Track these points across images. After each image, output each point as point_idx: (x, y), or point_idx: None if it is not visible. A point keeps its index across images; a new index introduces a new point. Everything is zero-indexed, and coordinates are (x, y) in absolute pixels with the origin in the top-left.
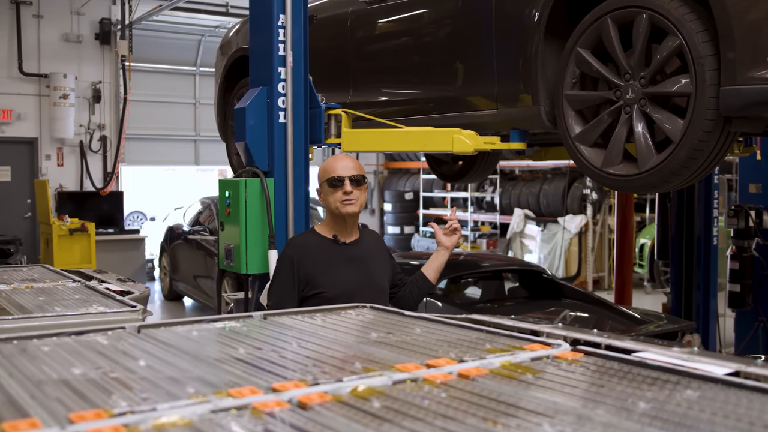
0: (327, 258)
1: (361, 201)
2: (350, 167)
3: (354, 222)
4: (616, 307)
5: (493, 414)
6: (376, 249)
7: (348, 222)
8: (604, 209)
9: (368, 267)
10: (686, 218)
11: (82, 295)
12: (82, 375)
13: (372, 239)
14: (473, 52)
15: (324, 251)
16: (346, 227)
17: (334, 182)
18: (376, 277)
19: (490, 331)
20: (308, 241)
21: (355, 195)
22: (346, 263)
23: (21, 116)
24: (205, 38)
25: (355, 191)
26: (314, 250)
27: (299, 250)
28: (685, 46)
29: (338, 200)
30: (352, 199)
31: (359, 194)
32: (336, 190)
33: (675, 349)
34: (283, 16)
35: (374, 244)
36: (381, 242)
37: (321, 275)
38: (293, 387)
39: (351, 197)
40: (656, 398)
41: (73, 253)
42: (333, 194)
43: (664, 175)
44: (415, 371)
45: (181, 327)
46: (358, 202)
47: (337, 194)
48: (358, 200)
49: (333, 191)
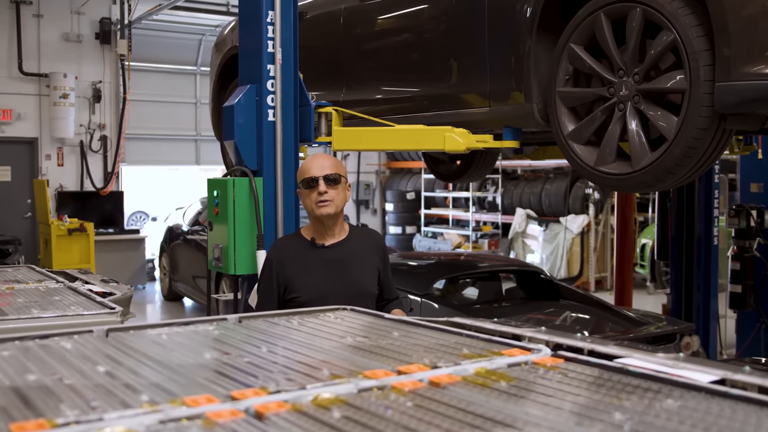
0: (304, 261)
1: (338, 201)
2: (325, 166)
3: (335, 223)
4: (615, 308)
5: (458, 425)
6: (364, 251)
7: (327, 224)
8: (606, 209)
9: (347, 270)
10: (686, 218)
11: (61, 297)
12: (35, 382)
13: (364, 240)
14: (465, 48)
15: (302, 254)
16: (326, 229)
17: (309, 183)
18: (355, 280)
19: (471, 335)
20: (289, 244)
21: (330, 195)
22: (322, 267)
23: (21, 116)
24: (205, 37)
25: (331, 191)
26: (293, 253)
27: (279, 253)
28: (680, 42)
29: (313, 202)
30: (327, 200)
31: (335, 194)
32: (311, 191)
33: (660, 354)
34: (272, 12)
35: (364, 245)
36: (375, 244)
37: (296, 279)
38: (252, 395)
39: (325, 198)
40: (634, 408)
41: (71, 253)
42: (309, 195)
43: (658, 173)
44: (384, 378)
45: (152, 330)
46: (334, 202)
47: (312, 195)
48: (334, 201)
49: (308, 192)
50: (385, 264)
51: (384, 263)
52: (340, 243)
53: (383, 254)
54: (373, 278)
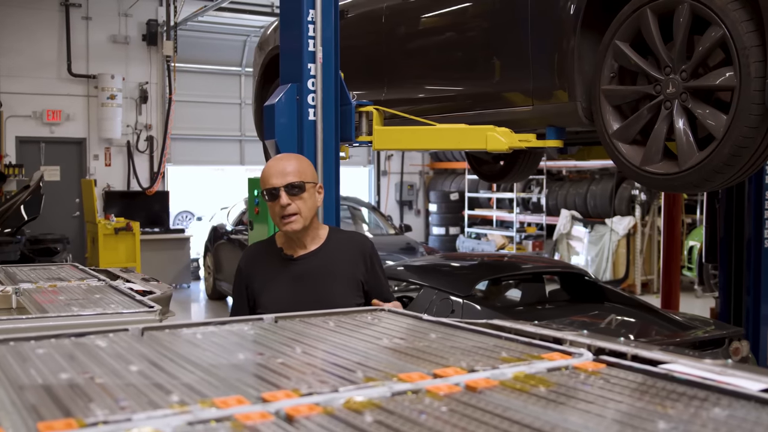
0: (271, 274)
1: (306, 212)
2: (287, 172)
3: (305, 234)
4: (661, 311)
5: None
6: (342, 261)
7: (294, 235)
8: (653, 210)
9: (317, 284)
10: (736, 219)
11: (102, 295)
12: (67, 380)
13: (343, 248)
14: (508, 46)
15: (270, 266)
16: (294, 240)
17: (269, 194)
18: (326, 295)
19: (510, 338)
20: (260, 253)
21: (294, 207)
22: (289, 281)
23: (70, 117)
24: (249, 38)
25: (296, 202)
26: (261, 265)
27: (248, 262)
28: (729, 37)
29: (278, 216)
30: (291, 213)
31: (301, 205)
32: (273, 204)
33: (707, 361)
34: (313, 11)
35: (342, 254)
36: (357, 251)
37: (262, 294)
38: (284, 397)
39: (289, 211)
40: (679, 417)
41: (118, 252)
42: (272, 209)
43: (706, 173)
44: (419, 381)
45: (187, 330)
46: (301, 215)
47: (276, 209)
48: (301, 213)
49: (271, 205)
50: (373, 272)
51: (370, 271)
52: (312, 254)
53: (369, 261)
54: (352, 290)
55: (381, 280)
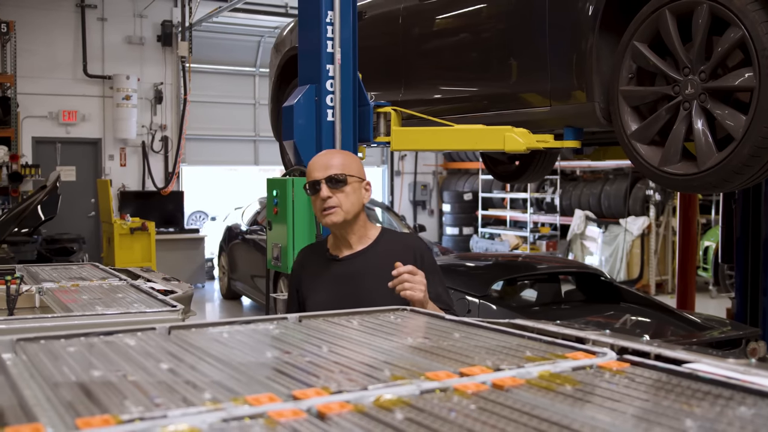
0: (318, 277)
1: (348, 206)
2: (329, 165)
3: (349, 232)
4: (677, 312)
5: (523, 429)
6: (389, 261)
7: (339, 233)
8: (667, 211)
9: (360, 287)
10: (752, 219)
11: (124, 294)
12: (100, 378)
13: (391, 248)
14: (526, 47)
15: (318, 268)
16: (339, 239)
17: (311, 187)
18: (368, 297)
19: (533, 337)
20: (311, 254)
21: (335, 200)
22: (331, 282)
23: (85, 117)
24: (264, 39)
25: (337, 195)
26: (311, 266)
27: (299, 264)
28: (748, 38)
29: (318, 210)
30: (331, 206)
31: (343, 198)
32: (315, 198)
33: (730, 360)
34: (331, 12)
35: (390, 254)
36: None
37: (308, 297)
38: (314, 395)
39: (330, 204)
40: (705, 415)
41: (133, 251)
42: (314, 202)
43: (725, 174)
44: (446, 380)
45: (213, 329)
46: (342, 208)
47: (317, 202)
48: (341, 206)
49: (313, 199)
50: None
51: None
52: (358, 254)
53: (420, 262)
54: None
55: (437, 281)
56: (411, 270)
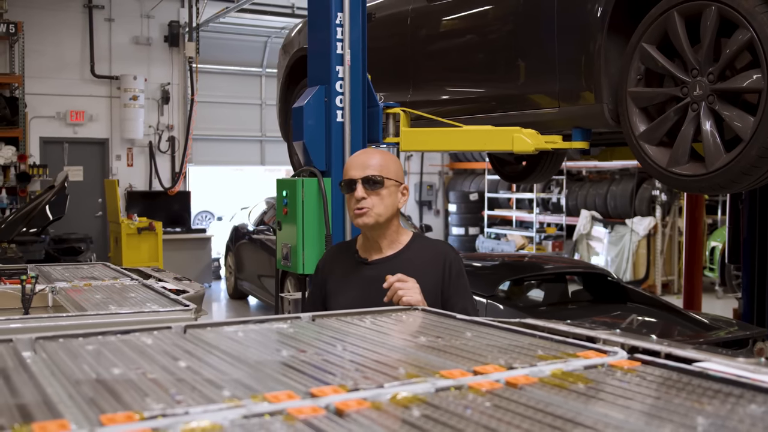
0: (345, 278)
1: (381, 209)
2: (367, 165)
3: (381, 235)
4: (684, 312)
5: (538, 426)
6: (418, 267)
7: (370, 236)
8: (673, 211)
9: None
10: (759, 220)
11: (137, 294)
12: (120, 375)
13: (421, 255)
14: (534, 48)
15: (346, 269)
16: (370, 242)
17: (347, 185)
18: None
19: (544, 336)
20: (339, 253)
21: (369, 202)
22: (358, 284)
23: (93, 117)
24: (271, 39)
25: (371, 197)
26: (339, 267)
27: (327, 262)
28: (757, 40)
29: (352, 209)
30: (364, 207)
31: (377, 201)
32: (350, 197)
33: (740, 359)
34: (341, 14)
35: (419, 261)
36: (437, 258)
37: (333, 298)
38: (332, 392)
39: (363, 205)
40: (717, 413)
41: (141, 251)
42: (348, 201)
43: (733, 175)
44: (461, 378)
45: (228, 327)
46: (374, 210)
47: (351, 201)
48: (374, 209)
49: (348, 198)
50: (451, 281)
51: (448, 281)
52: (387, 259)
53: (449, 270)
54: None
55: (461, 290)
56: (400, 278)
